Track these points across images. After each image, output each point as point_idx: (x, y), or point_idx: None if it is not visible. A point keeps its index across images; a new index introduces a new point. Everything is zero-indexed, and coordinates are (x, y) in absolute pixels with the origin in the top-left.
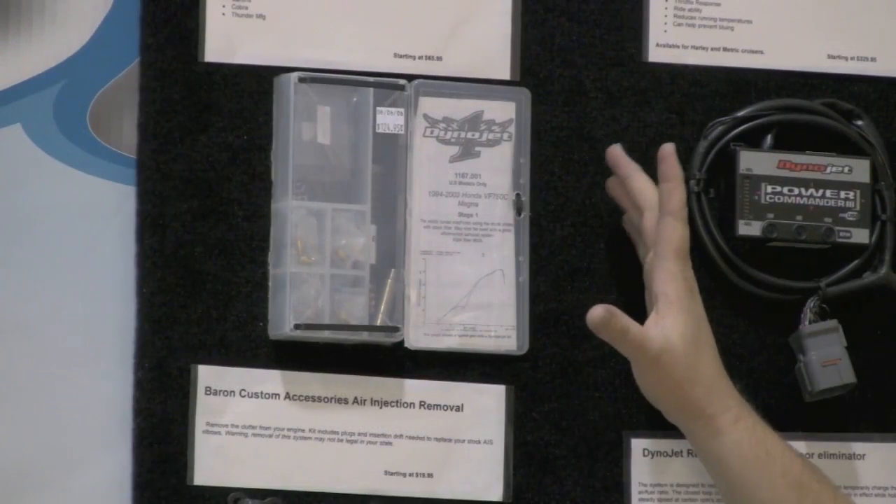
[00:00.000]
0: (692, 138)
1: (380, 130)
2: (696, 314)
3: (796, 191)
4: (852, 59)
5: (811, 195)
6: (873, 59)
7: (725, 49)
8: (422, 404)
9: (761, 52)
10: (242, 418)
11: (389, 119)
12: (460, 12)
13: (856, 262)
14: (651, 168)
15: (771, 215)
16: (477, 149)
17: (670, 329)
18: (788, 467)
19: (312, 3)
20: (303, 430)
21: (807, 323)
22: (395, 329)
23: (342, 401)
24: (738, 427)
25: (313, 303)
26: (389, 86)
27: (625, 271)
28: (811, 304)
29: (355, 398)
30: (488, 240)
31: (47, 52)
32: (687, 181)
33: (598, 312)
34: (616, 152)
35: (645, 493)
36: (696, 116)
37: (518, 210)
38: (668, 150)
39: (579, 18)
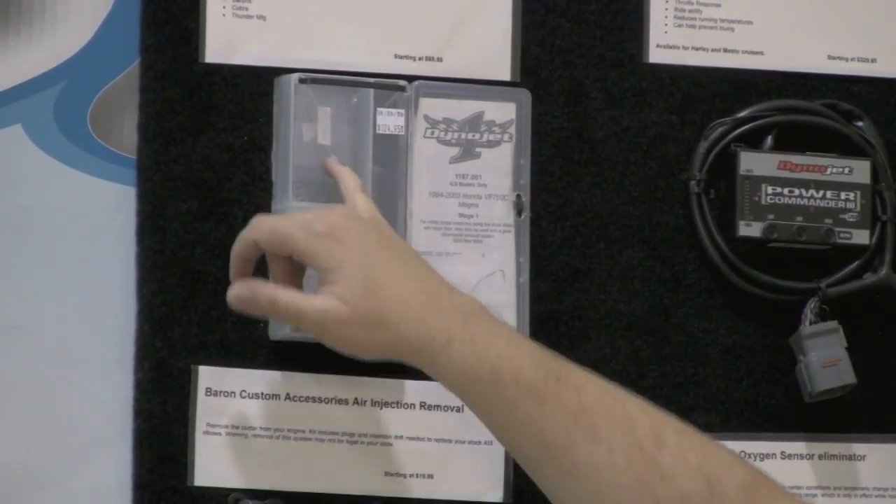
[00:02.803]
0: (692, 139)
1: (380, 131)
2: (353, 259)
3: (797, 192)
4: (853, 59)
5: (811, 196)
6: (874, 60)
7: (726, 50)
8: (422, 405)
9: (762, 53)
10: (243, 419)
11: (390, 120)
12: (461, 13)
13: (856, 262)
14: (653, 167)
15: (771, 216)
16: (477, 150)
17: (330, 291)
18: (521, 381)
19: (313, 4)
20: (303, 431)
21: (807, 324)
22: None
23: (342, 402)
24: (451, 350)
25: None
26: (390, 87)
27: (625, 272)
28: (811, 304)
29: (355, 399)
30: (488, 241)
31: (47, 53)
32: (687, 182)
33: (233, 291)
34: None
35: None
36: (697, 117)
37: (518, 211)
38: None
39: (579, 19)
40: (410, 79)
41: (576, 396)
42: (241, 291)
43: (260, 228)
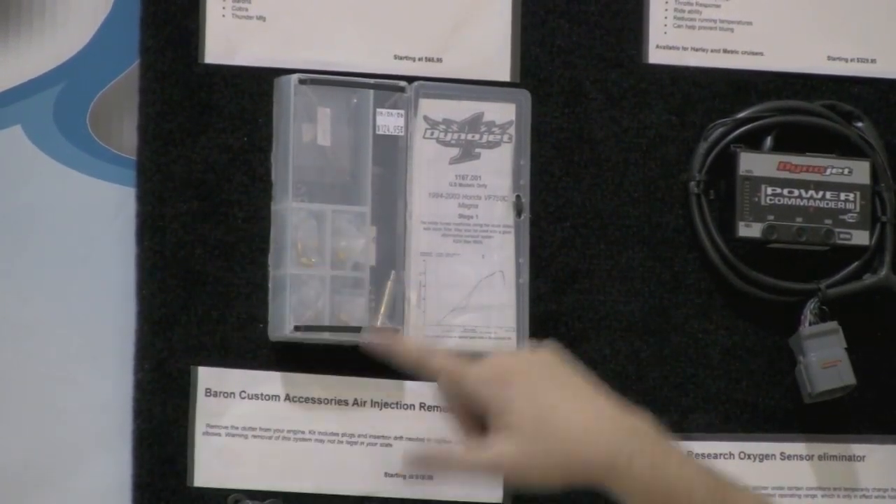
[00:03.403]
0: (692, 140)
1: (380, 132)
2: (522, 396)
3: (796, 192)
4: (852, 60)
5: (811, 197)
6: (873, 61)
7: (725, 51)
8: (422, 406)
9: (761, 54)
10: (242, 420)
11: (389, 120)
12: (460, 14)
13: (856, 263)
14: (652, 167)
15: (771, 217)
16: (477, 150)
17: (503, 435)
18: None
19: (312, 5)
20: (303, 432)
21: (807, 324)
22: (395, 331)
23: (342, 402)
24: (633, 468)
25: (313, 304)
26: (389, 87)
27: (625, 273)
28: (811, 305)
29: (355, 400)
30: (488, 241)
31: (47, 54)
32: (687, 183)
33: (413, 454)
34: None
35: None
36: (697, 118)
37: (518, 211)
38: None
39: (579, 20)
40: (410, 79)
41: None
42: (426, 451)
43: (429, 365)
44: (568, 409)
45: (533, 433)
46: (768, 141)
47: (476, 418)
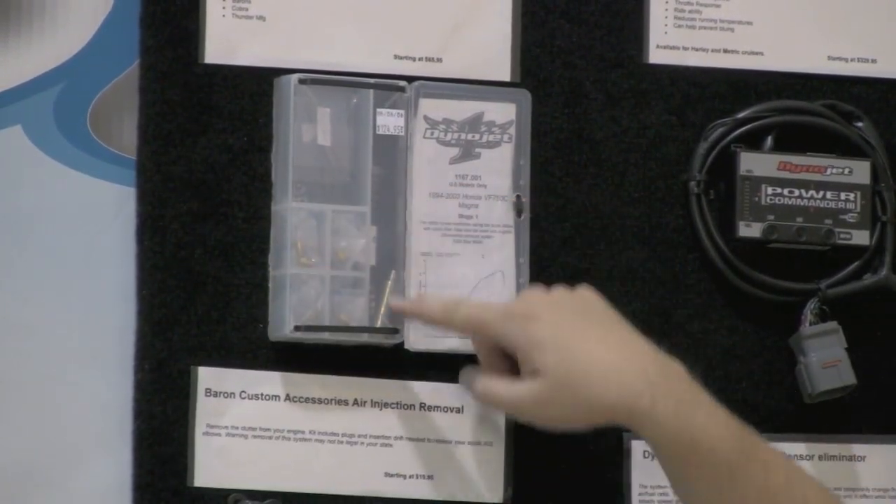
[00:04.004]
0: (692, 140)
1: (380, 132)
2: (549, 337)
3: (796, 192)
4: (853, 60)
5: (811, 197)
6: (874, 61)
7: (726, 51)
8: (422, 406)
9: (761, 54)
10: (242, 420)
11: (389, 120)
12: (460, 14)
13: (856, 263)
14: (653, 167)
15: (771, 217)
16: (477, 150)
17: (530, 375)
18: (720, 455)
19: (313, 5)
20: (303, 432)
21: (807, 324)
22: (395, 331)
23: (342, 402)
24: (655, 412)
25: (313, 304)
26: (389, 87)
27: (625, 273)
28: (811, 305)
29: (355, 400)
30: (488, 241)
31: (47, 54)
32: (687, 183)
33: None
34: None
35: (645, 495)
36: (697, 118)
37: (518, 211)
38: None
39: (579, 20)
40: (410, 79)
41: (763, 475)
42: (462, 373)
43: (455, 319)
44: (593, 349)
45: (557, 374)
46: (768, 141)
47: (510, 362)
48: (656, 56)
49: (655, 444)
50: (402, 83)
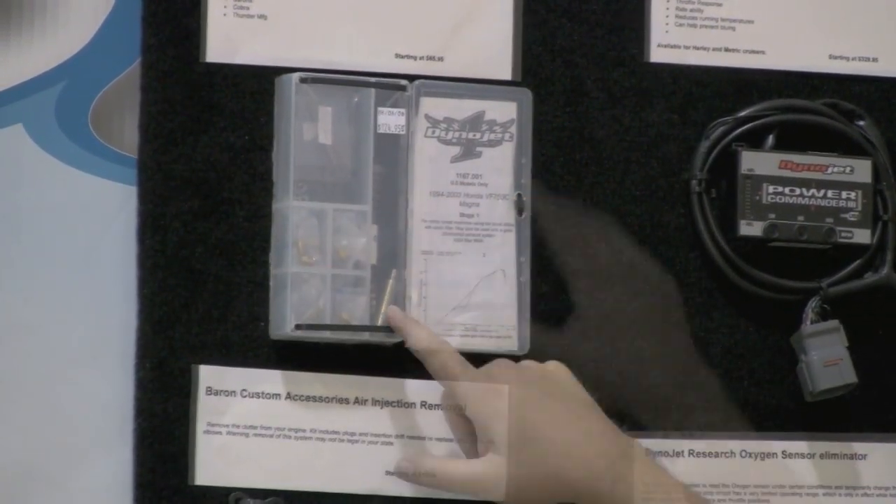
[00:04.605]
0: (694, 138)
1: (381, 131)
2: (513, 410)
3: (798, 191)
4: (854, 59)
5: (813, 195)
6: (875, 60)
7: (727, 49)
8: (423, 404)
9: (763, 53)
10: (243, 418)
11: (391, 119)
12: (461, 12)
13: (857, 262)
14: (654, 166)
15: (772, 215)
16: (478, 149)
17: (489, 451)
18: None
19: (314, 4)
20: (304, 431)
21: (808, 323)
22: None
23: (343, 401)
24: (616, 491)
25: (314, 303)
26: (391, 86)
27: (626, 272)
28: (812, 304)
29: (356, 398)
30: (489, 240)
31: (49, 53)
32: (688, 181)
33: (400, 465)
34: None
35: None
36: (698, 116)
37: (519, 210)
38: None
39: (581, 18)
40: (411, 78)
41: None
42: (404, 466)
43: (432, 360)
44: (555, 429)
45: (516, 452)
46: (770, 139)
47: (470, 424)
48: (657, 55)
49: None
50: (404, 82)
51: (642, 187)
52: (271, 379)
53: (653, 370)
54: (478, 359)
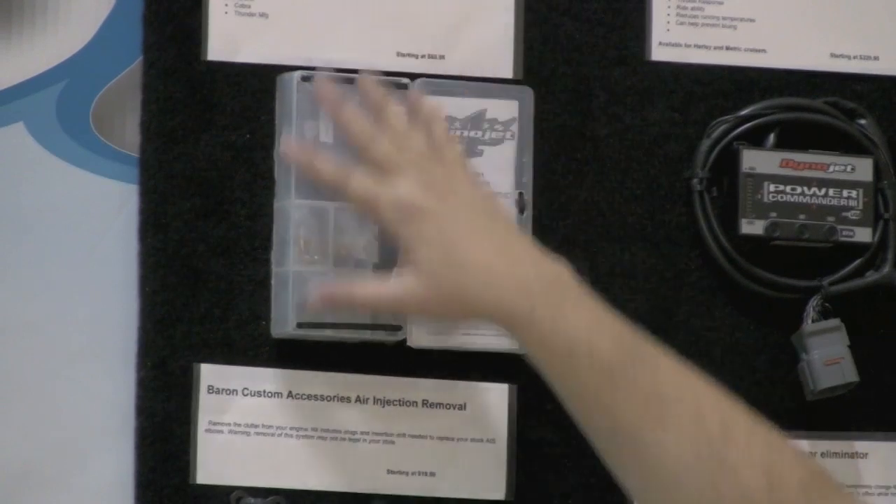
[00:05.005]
0: (695, 137)
1: None
2: (429, 234)
3: (799, 189)
4: (855, 57)
5: (814, 194)
6: (876, 58)
7: (728, 48)
8: (424, 403)
9: (764, 51)
10: (245, 417)
11: None
12: (463, 11)
13: (858, 260)
14: (655, 164)
15: (774, 214)
16: (479, 147)
17: (407, 271)
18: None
19: (315, 2)
20: (305, 429)
21: (809, 322)
22: (398, 328)
23: (344, 399)
24: (533, 319)
25: None
26: (392, 84)
27: (628, 271)
28: (814, 302)
29: (357, 397)
30: None
31: (50, 51)
32: (690, 180)
33: (314, 295)
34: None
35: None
36: (699, 115)
37: (520, 209)
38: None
39: (582, 17)
40: (413, 76)
41: (651, 380)
42: (322, 291)
43: (347, 187)
44: (477, 250)
45: (437, 271)
46: (771, 138)
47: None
48: (659, 53)
49: (533, 348)
50: (405, 80)
51: (643, 186)
52: (272, 378)
53: None
54: (479, 358)
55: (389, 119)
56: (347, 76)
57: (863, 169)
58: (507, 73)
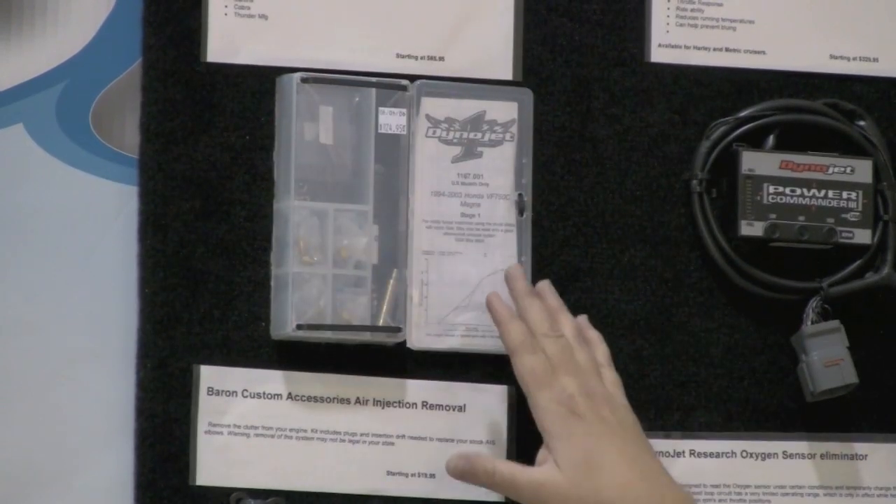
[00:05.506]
0: (694, 138)
1: (382, 131)
2: (581, 435)
3: (798, 191)
4: (854, 59)
5: (813, 195)
6: (875, 60)
7: (728, 49)
8: (424, 404)
9: (763, 53)
10: (244, 418)
11: (391, 119)
12: (462, 12)
13: (858, 262)
14: (654, 166)
15: (773, 216)
16: (479, 149)
17: (550, 463)
18: None
19: (315, 4)
20: (305, 431)
21: (809, 323)
22: (398, 329)
23: (344, 401)
24: None
25: (315, 303)
26: (392, 86)
27: (627, 271)
28: (813, 304)
29: (357, 398)
30: (490, 240)
31: (49, 52)
32: (689, 181)
33: (452, 462)
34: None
35: None
36: (699, 117)
37: (520, 210)
38: (511, 272)
39: (581, 18)
40: (412, 78)
41: None
42: (460, 464)
43: (521, 365)
44: (618, 463)
45: (578, 472)
46: (770, 139)
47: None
48: (658, 55)
49: None
50: (404, 82)
51: (643, 187)
52: (272, 379)
53: (653, 370)
54: (479, 359)
55: (563, 327)
56: (347, 78)
57: (862, 170)
58: (507, 74)
